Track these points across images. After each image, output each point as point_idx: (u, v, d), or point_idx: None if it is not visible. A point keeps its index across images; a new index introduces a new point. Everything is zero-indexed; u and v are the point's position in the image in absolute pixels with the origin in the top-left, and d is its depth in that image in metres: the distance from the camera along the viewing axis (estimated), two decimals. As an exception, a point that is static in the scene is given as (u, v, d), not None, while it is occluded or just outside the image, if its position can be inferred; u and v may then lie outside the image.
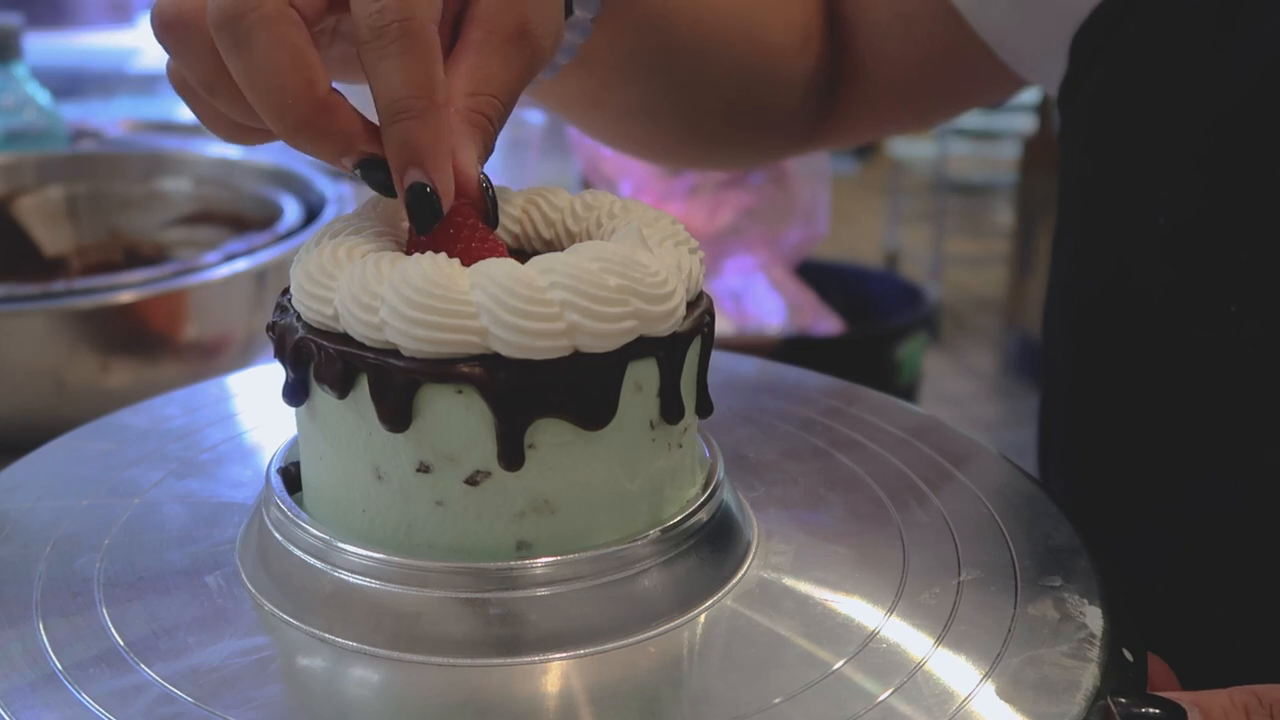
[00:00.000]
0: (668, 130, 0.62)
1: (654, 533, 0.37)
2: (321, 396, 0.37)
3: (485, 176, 0.39)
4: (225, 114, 0.39)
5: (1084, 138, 0.53)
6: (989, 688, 0.34)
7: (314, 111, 0.36)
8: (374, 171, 0.38)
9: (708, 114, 0.61)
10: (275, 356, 0.39)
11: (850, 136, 0.69)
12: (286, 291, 0.39)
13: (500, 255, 0.38)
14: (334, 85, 0.37)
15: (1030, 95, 3.46)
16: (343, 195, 0.88)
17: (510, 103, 0.40)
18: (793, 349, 1.70)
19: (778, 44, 0.61)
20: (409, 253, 0.38)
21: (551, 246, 0.42)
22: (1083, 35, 0.53)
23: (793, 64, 0.61)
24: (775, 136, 0.66)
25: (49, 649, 0.35)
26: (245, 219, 0.90)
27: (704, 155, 0.70)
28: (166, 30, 0.37)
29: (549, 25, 0.41)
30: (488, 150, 0.40)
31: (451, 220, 0.38)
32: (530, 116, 1.22)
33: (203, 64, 0.37)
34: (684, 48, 0.57)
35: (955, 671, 0.34)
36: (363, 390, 0.36)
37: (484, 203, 0.39)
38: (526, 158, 1.20)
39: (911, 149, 3.91)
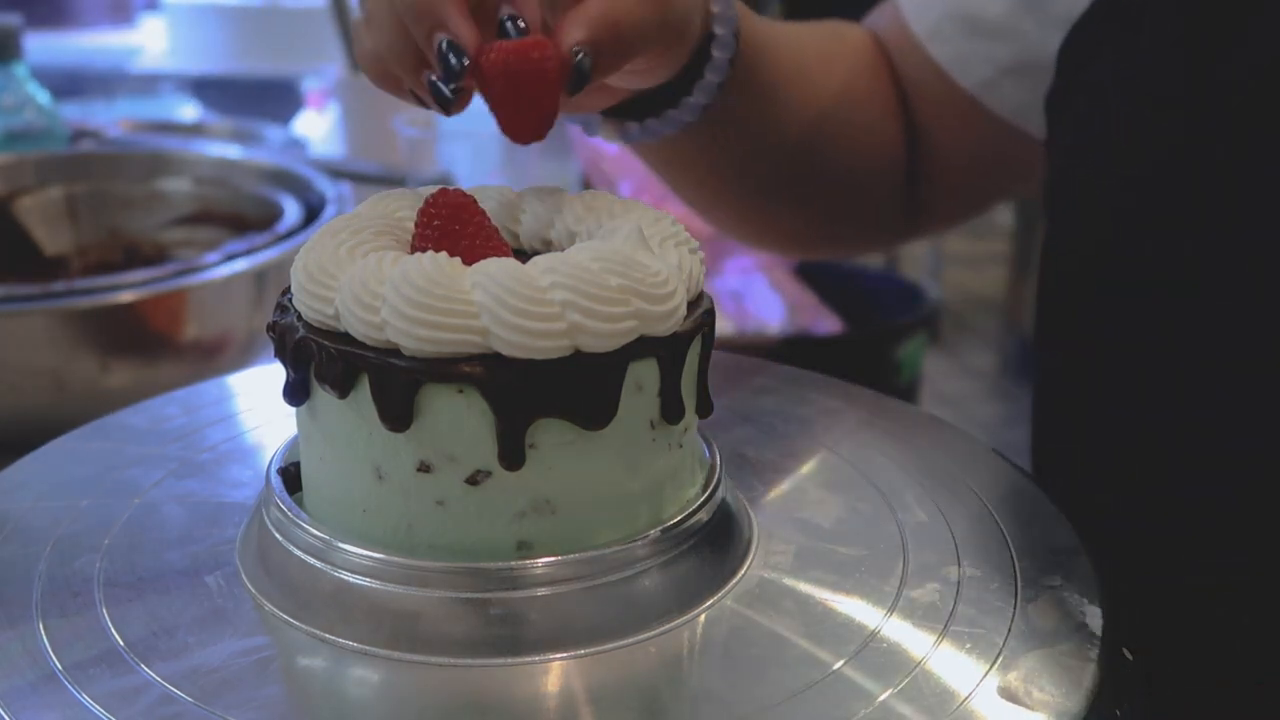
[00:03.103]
0: (778, 211, 0.65)
1: (654, 533, 0.37)
2: (322, 396, 0.37)
3: (585, 52, 0.41)
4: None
5: (1071, 144, 0.53)
6: (989, 688, 0.34)
7: None
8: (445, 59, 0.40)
9: (815, 195, 0.65)
10: (276, 356, 0.39)
11: (942, 220, 0.73)
12: (287, 291, 0.39)
13: (502, 255, 0.38)
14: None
15: (1030, 95, 3.46)
16: (343, 195, 0.88)
17: (618, 37, 0.42)
18: (793, 349, 1.70)
19: (873, 126, 0.64)
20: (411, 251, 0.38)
21: (552, 246, 0.42)
22: (1070, 44, 0.54)
23: (885, 147, 0.65)
24: (876, 219, 0.70)
25: (49, 649, 0.35)
26: (245, 219, 0.90)
27: (810, 241, 0.74)
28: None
29: (685, 13, 0.45)
30: (595, 50, 0.41)
31: (455, 219, 0.38)
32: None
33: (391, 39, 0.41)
34: (796, 122, 0.60)
35: (955, 671, 0.34)
36: (363, 390, 0.36)
37: (571, 70, 0.41)
38: (526, 158, 1.19)
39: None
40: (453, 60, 0.40)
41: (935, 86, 0.63)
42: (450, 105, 0.41)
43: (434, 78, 0.40)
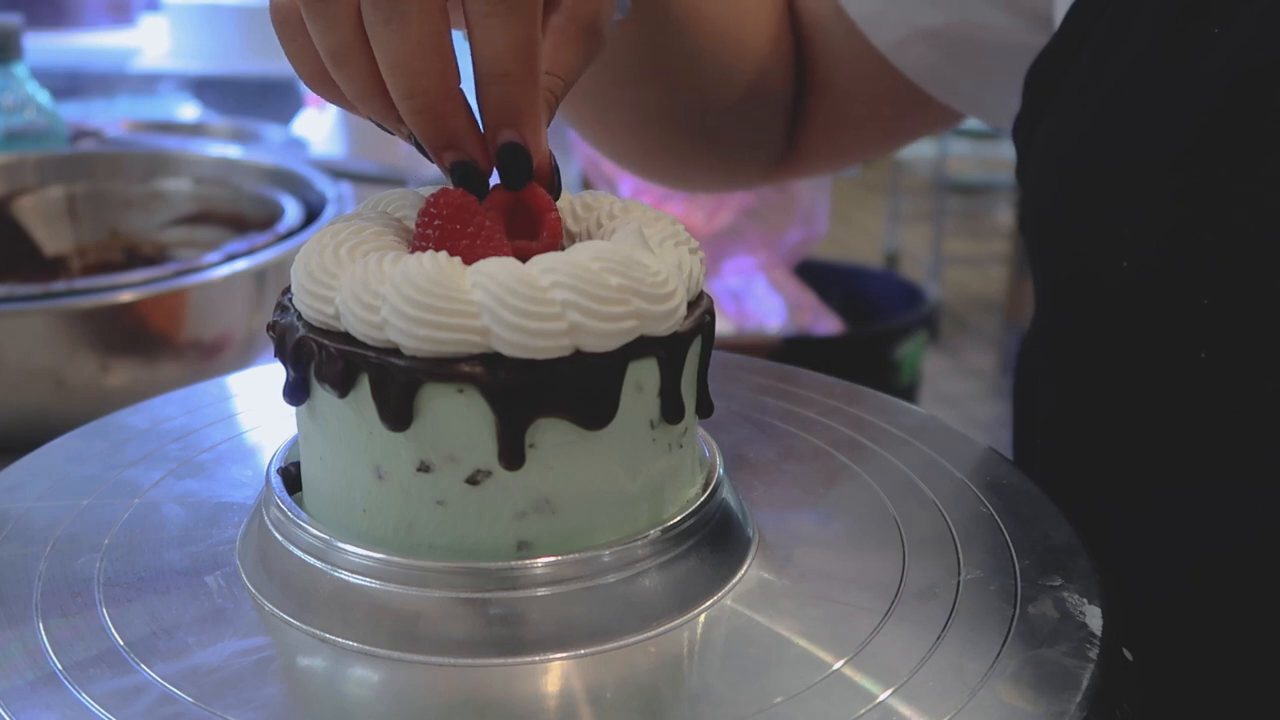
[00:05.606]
0: (658, 136, 0.65)
1: (654, 533, 0.37)
2: (322, 396, 0.37)
3: (550, 152, 0.41)
4: (338, 87, 0.40)
5: (1043, 176, 0.53)
6: (989, 688, 0.34)
7: (443, 98, 0.38)
8: (466, 173, 0.39)
9: (696, 123, 0.64)
10: (276, 356, 0.39)
11: (814, 164, 0.73)
12: (287, 291, 0.39)
13: (502, 255, 0.38)
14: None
15: (1030, 95, 3.46)
16: (342, 195, 0.89)
17: (570, 87, 0.42)
18: (793, 349, 1.70)
19: (758, 54, 0.63)
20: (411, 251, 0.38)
21: (552, 246, 0.42)
22: (1035, 74, 0.53)
23: (770, 76, 0.64)
24: (752, 155, 0.69)
25: (49, 649, 0.35)
26: (245, 219, 0.90)
27: (685, 170, 0.73)
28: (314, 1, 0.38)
29: (609, 21, 0.43)
30: (547, 125, 0.42)
31: (455, 219, 0.38)
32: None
33: (340, 36, 0.38)
34: (683, 49, 0.59)
35: (955, 671, 0.34)
36: (363, 389, 0.36)
37: (551, 175, 0.41)
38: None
39: (911, 149, 3.89)
40: (474, 185, 0.39)
41: (839, 34, 0.62)
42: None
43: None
